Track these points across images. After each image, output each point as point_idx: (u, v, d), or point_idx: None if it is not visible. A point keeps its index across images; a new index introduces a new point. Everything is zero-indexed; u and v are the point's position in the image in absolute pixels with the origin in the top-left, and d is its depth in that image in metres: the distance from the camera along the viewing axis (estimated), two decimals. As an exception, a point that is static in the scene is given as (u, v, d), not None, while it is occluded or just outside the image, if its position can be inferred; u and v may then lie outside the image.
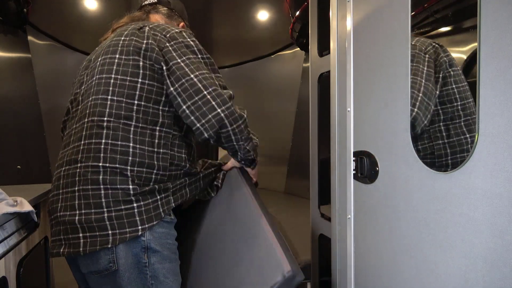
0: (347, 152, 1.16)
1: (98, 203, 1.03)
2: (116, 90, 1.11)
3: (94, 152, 1.07)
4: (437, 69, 0.84)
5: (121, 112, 1.09)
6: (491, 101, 0.66)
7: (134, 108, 1.10)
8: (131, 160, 1.07)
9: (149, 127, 1.12)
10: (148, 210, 1.08)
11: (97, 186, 1.04)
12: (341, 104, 1.19)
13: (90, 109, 1.11)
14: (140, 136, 1.10)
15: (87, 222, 1.03)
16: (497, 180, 0.65)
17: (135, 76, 1.12)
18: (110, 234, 1.03)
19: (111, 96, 1.10)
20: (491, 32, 0.66)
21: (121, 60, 1.14)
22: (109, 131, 1.08)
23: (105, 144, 1.07)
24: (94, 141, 1.07)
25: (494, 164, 0.66)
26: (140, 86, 1.11)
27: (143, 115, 1.11)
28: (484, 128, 0.67)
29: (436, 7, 0.92)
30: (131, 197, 1.06)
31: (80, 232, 1.04)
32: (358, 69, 1.11)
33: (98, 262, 1.04)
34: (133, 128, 1.09)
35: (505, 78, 0.63)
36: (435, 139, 0.84)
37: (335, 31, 1.24)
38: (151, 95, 1.13)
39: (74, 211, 1.04)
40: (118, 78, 1.12)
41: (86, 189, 1.05)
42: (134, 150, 1.08)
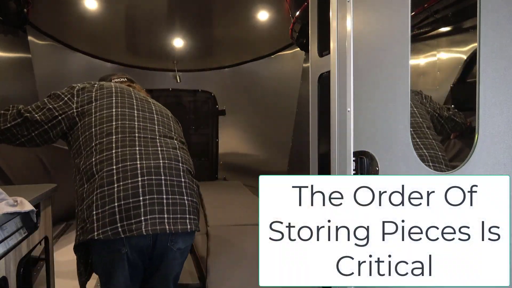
0: (347, 152, 1.16)
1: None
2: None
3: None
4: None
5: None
6: (491, 101, 0.66)
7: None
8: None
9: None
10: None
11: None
12: (341, 104, 1.19)
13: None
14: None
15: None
16: (497, 180, 0.65)
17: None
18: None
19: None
20: (491, 32, 0.66)
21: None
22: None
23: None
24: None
25: (494, 164, 0.66)
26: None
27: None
28: (484, 128, 0.67)
29: (436, 7, 0.92)
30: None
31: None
32: (358, 69, 1.11)
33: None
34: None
35: (505, 78, 0.64)
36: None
37: (335, 31, 1.24)
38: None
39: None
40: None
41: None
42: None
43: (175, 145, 1.51)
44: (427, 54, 1.43)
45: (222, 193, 4.09)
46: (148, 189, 1.31)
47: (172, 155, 1.44)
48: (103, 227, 1.26)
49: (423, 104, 1.19)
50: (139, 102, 1.56)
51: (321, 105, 1.54)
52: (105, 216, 1.27)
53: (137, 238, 1.30)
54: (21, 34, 3.37)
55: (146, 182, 1.32)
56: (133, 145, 1.39)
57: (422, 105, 1.17)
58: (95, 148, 1.37)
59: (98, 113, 1.45)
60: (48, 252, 1.72)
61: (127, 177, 1.31)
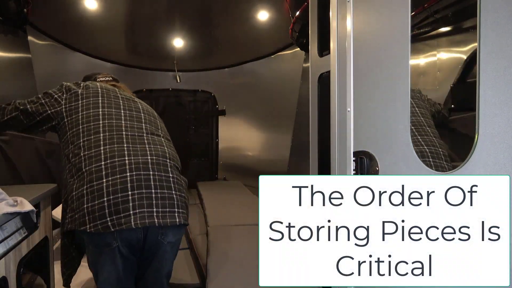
0: (347, 152, 1.16)
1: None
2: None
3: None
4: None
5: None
6: (491, 101, 0.66)
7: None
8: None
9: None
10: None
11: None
12: (341, 104, 1.19)
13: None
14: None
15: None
16: (497, 180, 0.65)
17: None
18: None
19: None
20: (491, 32, 0.66)
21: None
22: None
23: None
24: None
25: (494, 164, 0.66)
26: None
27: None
28: (484, 128, 0.67)
29: (436, 7, 0.92)
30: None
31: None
32: (358, 69, 1.11)
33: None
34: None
35: (505, 78, 0.64)
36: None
37: (335, 31, 1.24)
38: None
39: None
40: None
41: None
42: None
43: (162, 142, 1.55)
44: (427, 54, 1.43)
45: (222, 193, 4.09)
46: (136, 184, 1.35)
47: (160, 152, 1.49)
48: (93, 220, 1.30)
49: (423, 101, 1.20)
50: (126, 102, 1.62)
51: (321, 105, 1.54)
52: (95, 210, 1.31)
53: (128, 232, 1.33)
54: (21, 34, 3.37)
55: (135, 177, 1.36)
56: (121, 142, 1.43)
57: (423, 103, 1.18)
58: (83, 144, 1.42)
59: (84, 112, 1.50)
60: (48, 252, 1.72)
61: (116, 173, 1.35)
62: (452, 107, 1.32)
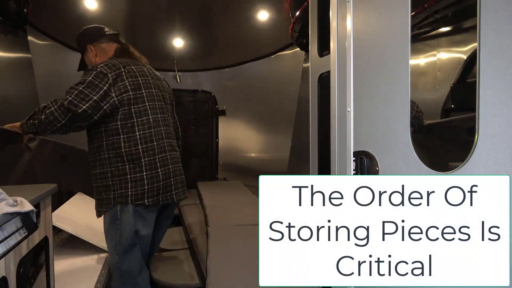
0: (347, 152, 1.16)
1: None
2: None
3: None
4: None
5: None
6: (491, 101, 0.66)
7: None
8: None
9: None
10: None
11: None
12: (341, 104, 1.19)
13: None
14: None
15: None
16: (497, 180, 0.65)
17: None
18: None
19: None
20: (491, 32, 0.66)
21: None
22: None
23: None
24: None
25: (494, 164, 0.66)
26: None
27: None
28: (484, 128, 0.67)
29: (436, 7, 0.92)
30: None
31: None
32: (358, 69, 1.11)
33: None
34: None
35: (505, 78, 0.64)
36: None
37: (335, 31, 1.24)
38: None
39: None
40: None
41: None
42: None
43: (173, 135, 1.99)
44: (427, 54, 1.43)
45: (222, 193, 4.09)
46: (173, 173, 1.89)
47: (174, 146, 1.96)
48: (152, 197, 1.79)
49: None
50: (158, 91, 1.89)
51: (321, 105, 1.54)
52: (153, 189, 1.79)
53: (169, 205, 1.95)
54: (21, 34, 3.37)
55: (171, 169, 1.88)
56: (161, 139, 1.85)
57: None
58: (139, 137, 1.77)
59: (135, 106, 1.76)
60: (48, 252, 1.72)
61: (164, 165, 1.84)
62: (452, 107, 1.32)
